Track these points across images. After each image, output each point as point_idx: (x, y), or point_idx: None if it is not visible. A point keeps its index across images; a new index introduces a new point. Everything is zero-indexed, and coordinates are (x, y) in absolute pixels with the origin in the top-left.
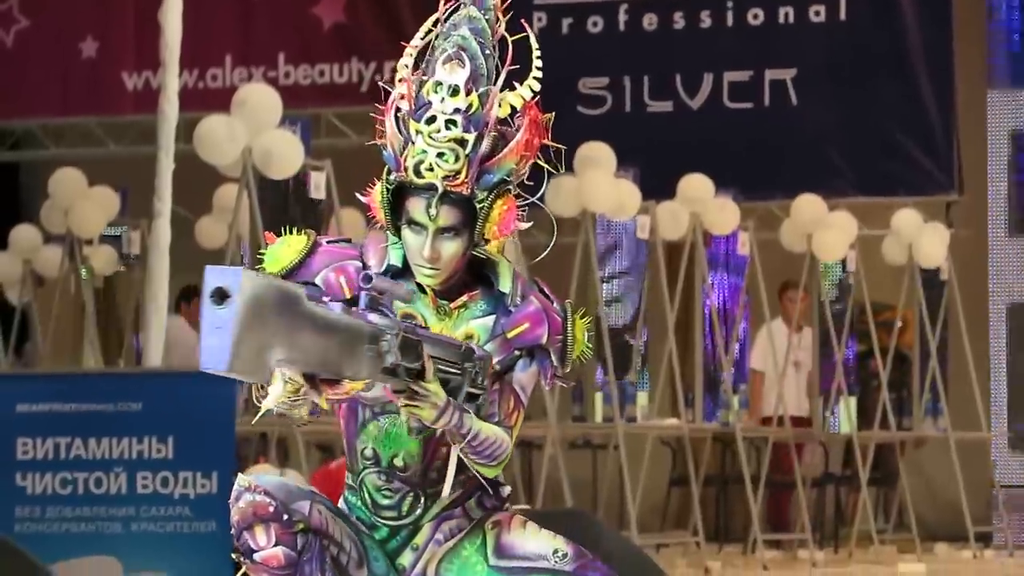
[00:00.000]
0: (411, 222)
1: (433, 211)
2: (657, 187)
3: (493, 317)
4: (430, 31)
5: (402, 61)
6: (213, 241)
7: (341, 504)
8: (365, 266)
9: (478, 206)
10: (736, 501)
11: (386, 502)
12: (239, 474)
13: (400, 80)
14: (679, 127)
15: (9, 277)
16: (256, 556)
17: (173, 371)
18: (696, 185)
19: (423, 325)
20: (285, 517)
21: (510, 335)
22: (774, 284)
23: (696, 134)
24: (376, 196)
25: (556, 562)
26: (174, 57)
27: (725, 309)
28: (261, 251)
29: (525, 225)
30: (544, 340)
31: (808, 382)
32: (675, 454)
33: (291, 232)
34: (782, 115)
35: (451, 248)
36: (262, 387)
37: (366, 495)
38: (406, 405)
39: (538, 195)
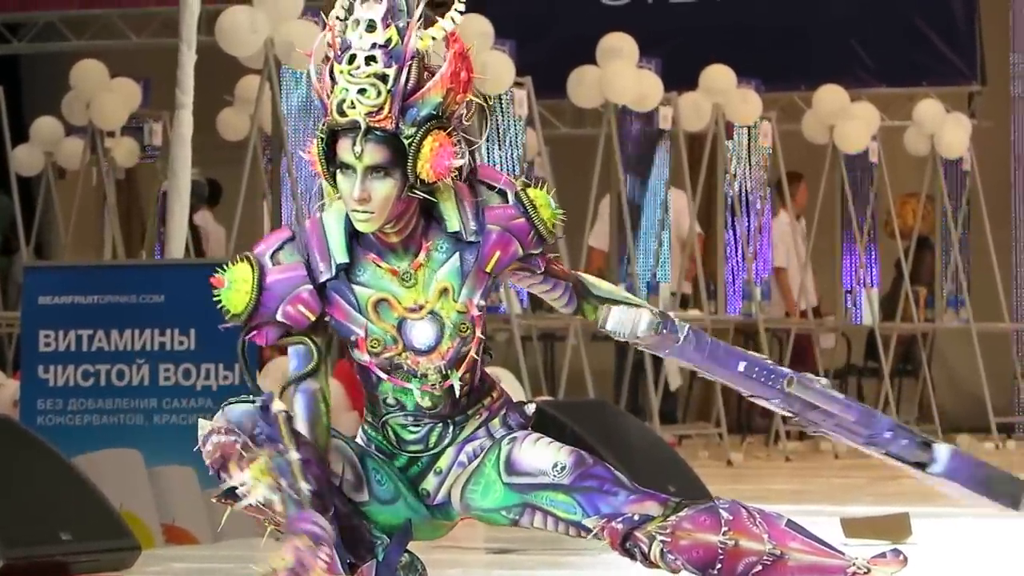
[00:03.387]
0: (342, 165)
1: (358, 148)
2: (679, 78)
3: (457, 255)
4: None
5: (333, 12)
6: (235, 133)
7: (360, 437)
8: (312, 274)
9: (406, 142)
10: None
11: (412, 437)
12: (200, 419)
13: (327, 27)
14: (702, 17)
15: (31, 169)
16: (238, 492)
17: (195, 263)
18: (718, 76)
19: (398, 302)
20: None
21: (488, 268)
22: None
23: (719, 24)
24: (313, 148)
25: (555, 476)
26: None
27: (747, 201)
28: (216, 294)
29: (459, 162)
30: (521, 252)
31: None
32: None
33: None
34: (805, 5)
35: (382, 189)
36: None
37: (390, 434)
38: None
39: (482, 139)
